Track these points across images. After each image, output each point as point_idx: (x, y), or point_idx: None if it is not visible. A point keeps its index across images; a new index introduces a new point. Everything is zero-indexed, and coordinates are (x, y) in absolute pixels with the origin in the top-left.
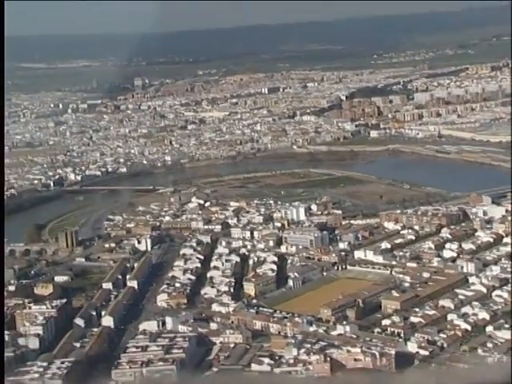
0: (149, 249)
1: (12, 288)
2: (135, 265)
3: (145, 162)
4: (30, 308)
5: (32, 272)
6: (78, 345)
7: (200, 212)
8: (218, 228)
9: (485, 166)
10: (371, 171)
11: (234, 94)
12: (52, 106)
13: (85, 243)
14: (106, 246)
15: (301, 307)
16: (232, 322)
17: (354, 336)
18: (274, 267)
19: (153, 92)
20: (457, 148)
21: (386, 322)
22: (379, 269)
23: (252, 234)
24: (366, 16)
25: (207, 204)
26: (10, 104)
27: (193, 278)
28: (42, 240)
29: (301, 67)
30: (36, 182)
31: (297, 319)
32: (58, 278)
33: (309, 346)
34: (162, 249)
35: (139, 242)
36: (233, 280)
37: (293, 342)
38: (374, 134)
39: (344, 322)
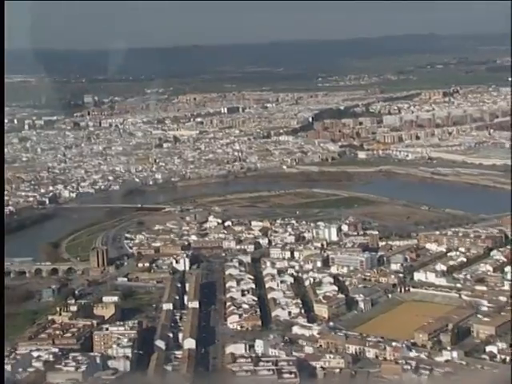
0: (187, 268)
1: (74, 308)
2: (187, 285)
3: (137, 180)
4: (107, 329)
5: (77, 292)
6: (169, 368)
7: (225, 231)
8: (250, 248)
9: (489, 188)
10: (373, 192)
11: (194, 112)
12: (6, 121)
13: (115, 262)
14: (140, 265)
15: (384, 330)
16: (320, 346)
17: (464, 362)
18: (336, 288)
19: (108, 109)
20: (452, 170)
21: (491, 348)
22: (446, 291)
23: (292, 254)
24: (289, 40)
25: (228, 223)
26: None
27: (255, 298)
28: (61, 258)
29: (248, 88)
30: (31, 199)
31: (394, 344)
32: (107, 299)
33: (427, 372)
34: (201, 268)
35: (177, 262)
36: (299, 301)
37: (408, 367)
38: (361, 155)
39: (449, 348)
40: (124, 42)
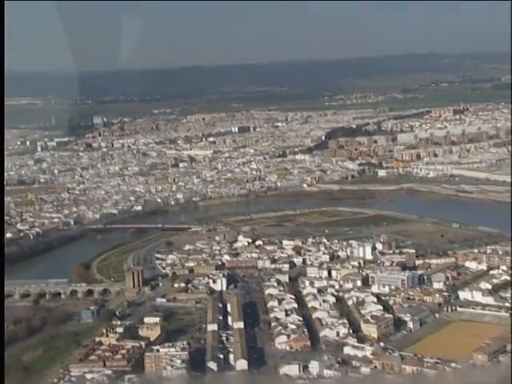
0: (224, 288)
1: (120, 330)
2: (228, 305)
3: (158, 200)
4: (157, 351)
5: (117, 313)
6: None
7: (258, 251)
8: (285, 267)
9: None
10: (398, 210)
11: (205, 132)
12: (19, 143)
13: (150, 283)
14: (176, 285)
15: (437, 351)
16: (375, 367)
17: None
18: (381, 307)
19: (118, 130)
20: (477, 188)
21: None
22: (496, 311)
23: (330, 273)
24: (289, 60)
25: (258, 242)
26: None
27: (300, 318)
28: (94, 279)
29: (255, 107)
30: (55, 220)
31: (454, 365)
32: (149, 320)
33: None
34: (239, 288)
35: (214, 282)
36: (346, 321)
37: None
38: (381, 173)
39: None
40: (127, 63)
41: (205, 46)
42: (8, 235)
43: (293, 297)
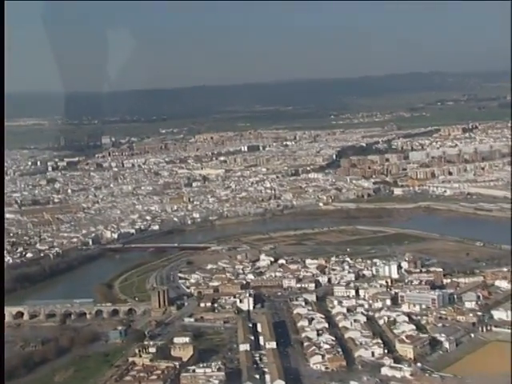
0: (251, 308)
1: (152, 350)
2: (258, 325)
3: (175, 219)
4: (193, 371)
5: (147, 333)
6: None
7: (281, 270)
8: (311, 286)
9: None
10: (416, 228)
11: (215, 151)
12: (29, 163)
13: (176, 302)
14: (202, 305)
15: (477, 372)
16: None
17: None
18: (413, 327)
19: (127, 150)
20: (495, 205)
21: None
22: None
23: (357, 292)
24: (293, 79)
25: (281, 261)
26: None
27: (333, 338)
28: (118, 299)
29: (261, 126)
30: (74, 240)
31: None
32: (179, 340)
33: None
34: (266, 308)
35: (241, 301)
36: (380, 341)
37: None
38: (397, 191)
39: None
40: (131, 84)
41: (207, 66)
42: (29, 255)
43: (322, 316)
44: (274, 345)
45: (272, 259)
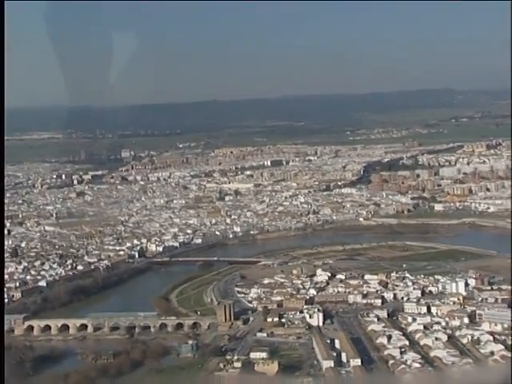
0: (321, 323)
1: (238, 364)
2: (336, 341)
3: (217, 233)
4: None
5: (222, 348)
6: None
7: (343, 285)
8: (377, 302)
9: None
10: (466, 244)
11: (238, 166)
12: (54, 176)
13: (241, 317)
14: (269, 320)
15: None
16: None
17: None
18: (502, 347)
19: (149, 163)
20: None
21: None
22: None
23: (429, 309)
24: (301, 95)
25: (339, 276)
26: (5, 174)
27: (419, 356)
28: (180, 312)
29: (279, 141)
30: (121, 253)
31: None
32: (254, 355)
33: None
34: (337, 323)
35: (311, 317)
36: (470, 360)
37: None
38: (438, 207)
39: None
40: (141, 99)
41: (217, 81)
42: (79, 267)
43: (401, 333)
44: (358, 362)
45: (329, 274)
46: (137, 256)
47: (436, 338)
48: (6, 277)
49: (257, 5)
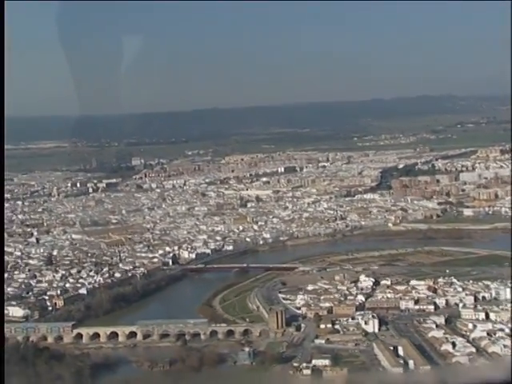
0: (376, 330)
1: (307, 372)
2: (399, 348)
3: (248, 239)
4: None
5: (282, 355)
6: None
7: (391, 291)
8: (430, 308)
9: None
10: (506, 248)
11: (252, 172)
12: (69, 185)
13: (292, 323)
14: (322, 326)
15: None
16: None
17: None
18: None
19: (161, 171)
20: None
21: None
22: None
23: (487, 315)
24: (302, 102)
25: (384, 282)
26: (18, 183)
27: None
28: (227, 320)
29: (288, 148)
30: (155, 260)
31: None
32: (317, 362)
33: None
34: (393, 329)
35: (366, 323)
36: None
37: None
38: (467, 212)
39: None
40: (141, 107)
41: (216, 89)
42: (117, 275)
43: (464, 340)
44: (428, 369)
45: (373, 280)
46: (170, 263)
47: (504, 346)
48: (45, 285)
49: (258, 11)
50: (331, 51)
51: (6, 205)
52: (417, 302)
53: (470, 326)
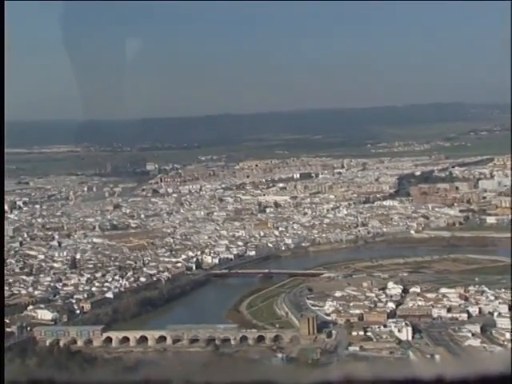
0: (410, 338)
1: None
2: (436, 357)
3: (270, 245)
4: None
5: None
6: None
7: (421, 298)
8: (463, 316)
9: None
10: None
11: (268, 178)
12: (85, 189)
13: (323, 330)
14: (354, 334)
15: None
16: None
17: None
18: None
19: (176, 176)
20: None
21: None
22: None
23: None
24: (313, 108)
25: (413, 290)
26: (35, 187)
27: None
28: (256, 325)
29: (300, 154)
30: (179, 264)
31: None
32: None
33: None
34: (426, 337)
35: (399, 331)
36: None
37: None
38: (490, 220)
39: None
40: (153, 112)
41: (228, 94)
42: (142, 279)
43: (499, 349)
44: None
45: (401, 287)
46: (194, 268)
47: None
48: (71, 288)
49: (268, 17)
50: (343, 58)
51: (25, 208)
52: (449, 310)
53: (508, 335)
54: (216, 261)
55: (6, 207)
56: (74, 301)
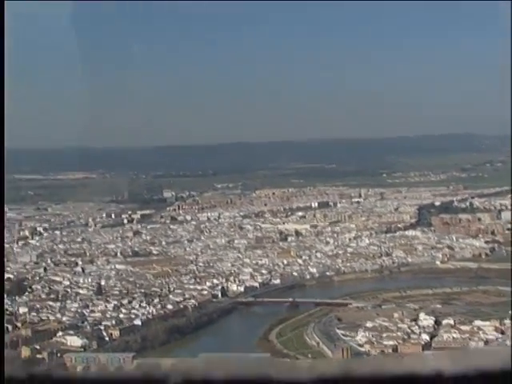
0: None
1: None
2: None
3: (295, 273)
4: None
5: None
6: None
7: (456, 331)
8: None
9: None
10: None
11: (286, 207)
12: (104, 215)
13: None
14: None
15: None
16: None
17: None
18: None
19: (193, 204)
20: None
21: None
22: None
23: None
24: (325, 138)
25: (446, 321)
26: (53, 213)
27: None
28: (288, 355)
29: (317, 183)
30: (204, 292)
31: None
32: None
33: None
34: None
35: None
36: None
37: None
38: None
39: None
40: (165, 140)
41: (241, 123)
42: (169, 306)
43: None
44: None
45: (434, 318)
46: (219, 296)
47: None
48: (98, 315)
49: (280, 44)
50: (356, 89)
51: (45, 234)
52: (486, 343)
53: None
54: (242, 289)
55: (26, 232)
56: (102, 327)
